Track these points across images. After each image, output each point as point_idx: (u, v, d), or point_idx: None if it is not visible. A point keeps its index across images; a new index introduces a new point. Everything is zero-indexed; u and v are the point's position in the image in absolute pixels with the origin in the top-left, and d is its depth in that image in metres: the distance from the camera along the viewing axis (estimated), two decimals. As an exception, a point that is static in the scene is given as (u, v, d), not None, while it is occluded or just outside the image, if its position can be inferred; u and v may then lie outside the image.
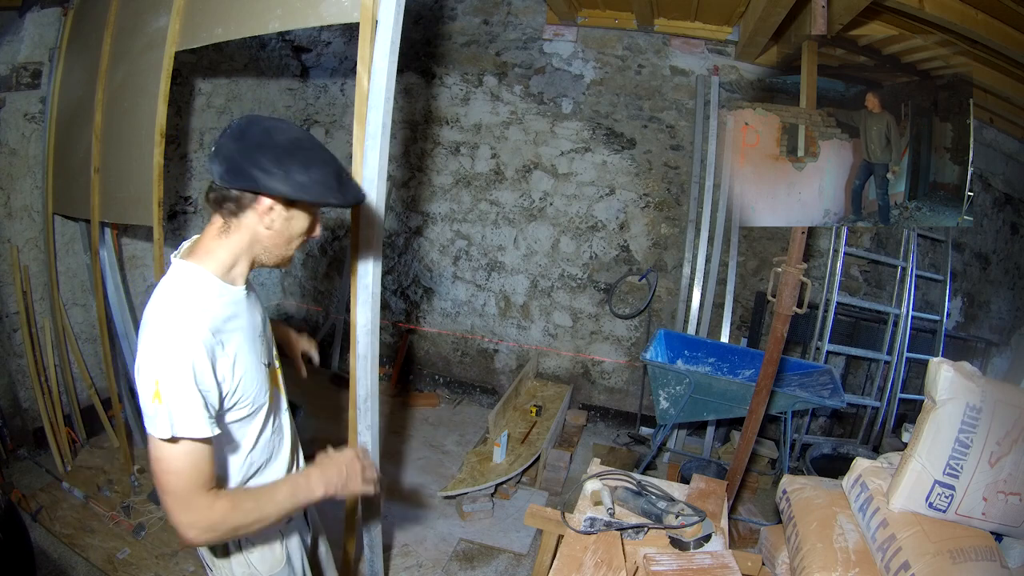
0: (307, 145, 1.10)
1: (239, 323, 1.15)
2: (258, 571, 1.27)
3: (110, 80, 2.53)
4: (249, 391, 1.15)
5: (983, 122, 3.60)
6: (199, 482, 1.02)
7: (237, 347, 1.12)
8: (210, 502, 1.02)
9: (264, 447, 1.25)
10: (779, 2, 2.53)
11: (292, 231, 1.15)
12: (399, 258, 4.44)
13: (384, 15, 1.65)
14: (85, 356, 3.22)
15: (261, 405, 1.19)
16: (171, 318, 1.03)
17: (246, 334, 1.16)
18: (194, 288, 1.09)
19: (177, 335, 1.01)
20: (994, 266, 3.82)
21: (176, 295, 1.07)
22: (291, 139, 1.07)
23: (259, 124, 1.07)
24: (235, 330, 1.13)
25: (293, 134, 1.09)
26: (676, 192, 3.86)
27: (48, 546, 2.49)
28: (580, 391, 4.21)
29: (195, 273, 1.10)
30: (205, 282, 1.11)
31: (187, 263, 1.12)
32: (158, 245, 2.37)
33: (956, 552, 1.41)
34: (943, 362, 1.51)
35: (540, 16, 3.89)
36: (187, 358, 1.00)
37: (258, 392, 1.17)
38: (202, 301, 1.08)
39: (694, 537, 1.58)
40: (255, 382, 1.16)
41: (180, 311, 1.04)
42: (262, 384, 1.19)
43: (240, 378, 1.11)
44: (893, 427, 3.47)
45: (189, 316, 1.04)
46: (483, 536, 2.87)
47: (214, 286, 1.11)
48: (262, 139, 1.04)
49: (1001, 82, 2.91)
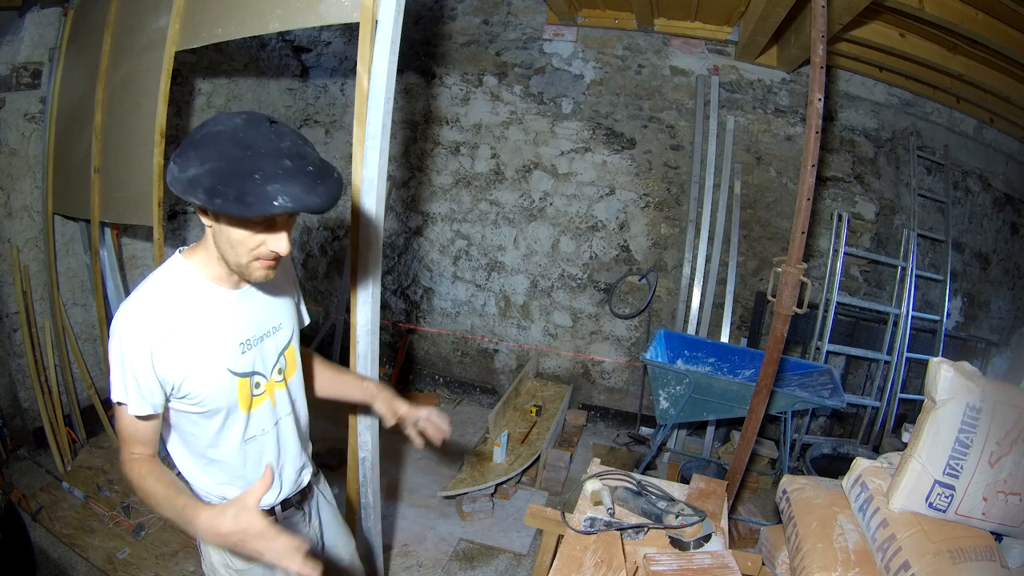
0: (224, 139, 0.95)
1: (209, 327, 1.13)
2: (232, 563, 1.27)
3: (110, 80, 2.53)
4: (199, 391, 1.13)
5: (983, 122, 3.60)
6: (126, 439, 1.14)
7: (191, 348, 1.10)
8: (126, 459, 1.14)
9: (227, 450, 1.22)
10: (779, 2, 2.53)
11: (228, 236, 1.04)
12: (399, 258, 4.44)
13: (384, 15, 1.65)
14: (85, 356, 3.22)
15: (217, 410, 1.17)
16: (130, 307, 1.07)
17: (214, 340, 1.14)
18: (169, 282, 1.12)
19: (126, 323, 1.06)
20: (994, 266, 3.82)
21: (150, 286, 1.11)
22: (211, 133, 0.97)
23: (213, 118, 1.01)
24: (198, 333, 1.11)
25: (222, 127, 0.97)
26: (676, 192, 3.86)
27: (48, 546, 2.49)
28: (580, 391, 4.21)
29: (178, 268, 1.13)
30: (185, 277, 1.13)
31: (180, 257, 1.15)
32: (158, 245, 2.37)
33: (956, 552, 1.41)
34: (943, 362, 1.51)
35: (540, 16, 3.89)
36: (126, 344, 1.06)
37: (211, 396, 1.15)
38: (170, 296, 1.10)
39: (694, 537, 1.58)
40: (208, 385, 1.14)
41: (140, 300, 1.08)
42: (221, 391, 1.16)
43: (186, 376, 1.11)
44: (893, 427, 3.47)
45: (144, 311, 1.07)
46: (483, 536, 2.87)
47: (193, 282, 1.13)
48: (193, 132, 1.00)
49: (1001, 82, 2.92)
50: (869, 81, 3.57)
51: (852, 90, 3.61)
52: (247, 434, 1.24)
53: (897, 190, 3.69)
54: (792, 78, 3.63)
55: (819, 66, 1.81)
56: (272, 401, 1.28)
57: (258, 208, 0.93)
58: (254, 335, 1.22)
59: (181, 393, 1.12)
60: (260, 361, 1.23)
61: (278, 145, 0.97)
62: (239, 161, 0.94)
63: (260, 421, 1.26)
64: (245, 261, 1.07)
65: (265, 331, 1.25)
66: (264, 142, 0.96)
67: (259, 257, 1.07)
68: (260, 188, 0.93)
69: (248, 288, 1.21)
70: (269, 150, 0.96)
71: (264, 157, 0.95)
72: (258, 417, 1.25)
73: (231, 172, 0.93)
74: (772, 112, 3.69)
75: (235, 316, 1.18)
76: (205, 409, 1.16)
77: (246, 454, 1.25)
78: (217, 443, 1.21)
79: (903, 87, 3.53)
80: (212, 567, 1.28)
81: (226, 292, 1.16)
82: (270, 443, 1.29)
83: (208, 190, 0.93)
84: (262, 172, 0.93)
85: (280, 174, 0.94)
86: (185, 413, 1.17)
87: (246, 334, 1.20)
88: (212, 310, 1.14)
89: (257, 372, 1.23)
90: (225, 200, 0.93)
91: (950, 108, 3.57)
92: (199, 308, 1.12)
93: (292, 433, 1.34)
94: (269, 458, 1.29)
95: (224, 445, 1.22)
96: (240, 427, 1.22)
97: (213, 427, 1.19)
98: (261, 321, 1.24)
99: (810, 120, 1.83)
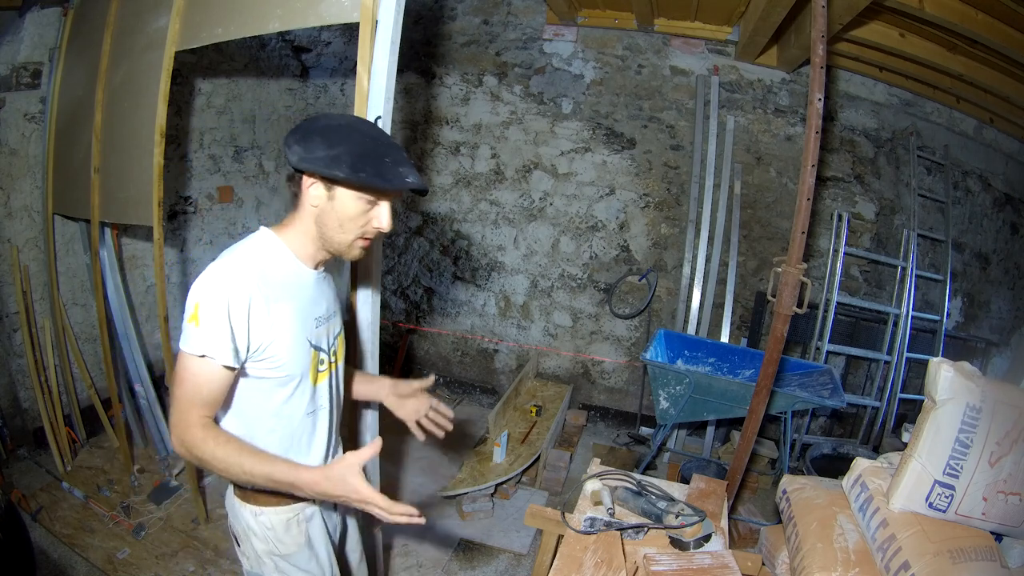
0: (347, 130, 1.14)
1: (294, 296, 1.20)
2: (277, 549, 1.30)
3: (110, 80, 2.53)
4: (281, 356, 1.17)
5: (983, 122, 3.60)
6: (195, 400, 1.10)
7: (281, 313, 1.16)
8: (192, 422, 1.09)
9: (291, 420, 1.25)
10: (779, 2, 2.53)
11: (339, 213, 1.17)
12: (399, 258, 4.44)
13: (384, 15, 1.65)
14: (85, 356, 3.22)
15: (292, 377, 1.21)
16: (228, 262, 1.13)
17: (298, 308, 1.20)
18: (261, 250, 1.19)
19: (225, 275, 1.10)
20: (994, 266, 3.82)
21: (244, 250, 1.17)
22: (332, 124, 1.14)
23: (316, 116, 1.18)
24: (286, 299, 1.18)
25: (338, 122, 1.15)
26: (676, 192, 3.86)
27: (48, 546, 2.49)
28: (580, 391, 4.21)
29: (270, 240, 1.21)
30: (275, 250, 1.20)
31: (269, 231, 1.22)
32: (158, 245, 2.37)
33: (956, 552, 1.41)
34: (943, 362, 1.51)
35: (540, 16, 3.89)
36: (226, 295, 1.08)
37: (291, 362, 1.19)
38: (263, 262, 1.17)
39: (694, 537, 1.58)
40: (290, 351, 1.19)
41: (238, 260, 1.14)
42: (299, 358, 1.21)
43: (273, 339, 1.15)
44: (893, 427, 3.47)
45: (243, 267, 1.13)
46: (483, 536, 2.87)
47: (282, 255, 1.21)
48: (304, 123, 1.16)
49: (1001, 82, 2.91)
50: (869, 81, 3.57)
51: (852, 90, 3.61)
52: (311, 407, 1.29)
53: (897, 190, 3.69)
54: (792, 78, 3.63)
55: (819, 66, 1.80)
56: (330, 379, 1.34)
57: (396, 183, 1.13)
58: (323, 314, 1.30)
59: (264, 355, 1.16)
60: (325, 340, 1.31)
61: (390, 140, 1.21)
62: (372, 147, 1.14)
63: (322, 396, 1.32)
64: (351, 238, 1.20)
65: (330, 314, 1.33)
66: (381, 136, 1.19)
67: (364, 235, 1.21)
68: (393, 168, 1.13)
69: (322, 272, 1.31)
70: (388, 142, 1.18)
71: (388, 147, 1.16)
72: (321, 392, 1.31)
73: (368, 154, 1.12)
74: (772, 112, 3.69)
75: (314, 293, 1.26)
76: (282, 374, 1.20)
77: (309, 425, 1.30)
78: (281, 413, 1.24)
79: (903, 87, 3.53)
80: (256, 556, 1.31)
81: (309, 270, 1.25)
82: (324, 420, 1.34)
83: (352, 165, 1.10)
84: (391, 157, 1.14)
85: (402, 160, 1.16)
86: (258, 379, 1.19)
87: (319, 311, 1.28)
88: (298, 283, 1.22)
89: (322, 348, 1.30)
90: (368, 174, 1.11)
91: (950, 108, 3.57)
92: (288, 278, 1.20)
93: (336, 418, 1.40)
94: (323, 434, 1.34)
95: (290, 415, 1.25)
96: (307, 398, 1.27)
97: (283, 395, 1.22)
98: (328, 303, 1.33)
99: (810, 120, 1.83)
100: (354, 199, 1.16)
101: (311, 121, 1.16)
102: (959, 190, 3.71)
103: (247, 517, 1.29)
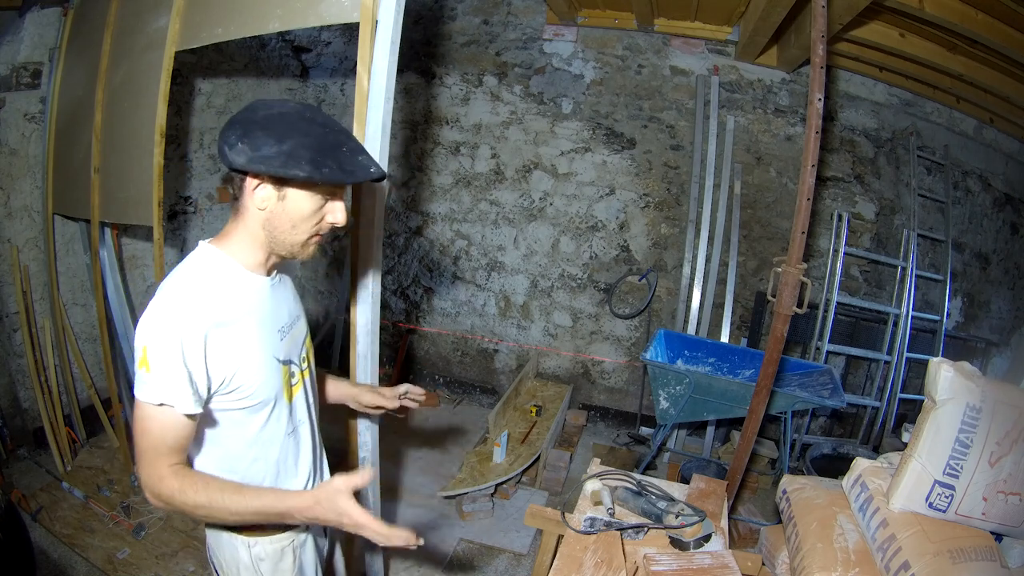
0: (292, 119, 1.01)
1: (251, 312, 1.11)
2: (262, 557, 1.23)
3: (110, 80, 2.53)
4: (250, 383, 1.10)
5: (983, 122, 3.60)
6: (161, 450, 1.02)
7: (242, 335, 1.08)
8: (164, 474, 1.01)
9: (273, 445, 1.19)
10: (779, 2, 2.53)
11: (292, 214, 1.07)
12: (399, 258, 4.44)
13: (384, 15, 1.65)
14: (85, 356, 3.22)
15: (266, 401, 1.14)
16: (173, 295, 1.02)
17: (258, 324, 1.12)
18: (206, 270, 1.08)
19: (173, 312, 1.00)
20: (994, 266, 3.82)
21: (187, 275, 1.06)
22: (272, 114, 1.01)
23: (252, 104, 1.04)
24: (243, 318, 1.09)
25: (278, 110, 1.02)
26: (676, 192, 3.86)
27: (48, 546, 2.49)
28: (580, 391, 4.21)
29: (214, 256, 1.10)
30: (222, 265, 1.10)
31: (210, 246, 1.11)
32: (158, 245, 2.37)
33: (956, 552, 1.41)
34: (943, 362, 1.51)
35: (540, 16, 3.89)
36: (177, 335, 0.99)
37: (262, 386, 1.12)
38: (212, 286, 1.06)
39: (694, 537, 1.58)
40: (259, 375, 1.11)
41: (184, 290, 1.03)
42: (269, 380, 1.14)
43: (238, 368, 1.07)
44: (893, 427, 3.47)
45: (191, 297, 1.03)
46: (483, 536, 2.87)
47: (231, 270, 1.10)
48: (241, 115, 1.02)
49: (1001, 82, 2.91)
50: (869, 81, 3.57)
51: (852, 90, 3.61)
52: (290, 426, 1.22)
53: (897, 190, 3.68)
54: (792, 78, 3.63)
55: (819, 66, 1.80)
56: (305, 391, 1.27)
57: (360, 174, 1.04)
58: (286, 323, 1.21)
59: (231, 387, 1.08)
60: (293, 349, 1.23)
61: (338, 124, 1.07)
62: (324, 136, 1.01)
63: (299, 411, 1.25)
64: (305, 238, 1.11)
65: (292, 319, 1.25)
66: (328, 121, 1.06)
67: (318, 232, 1.12)
68: (352, 158, 1.03)
69: (276, 276, 1.20)
70: (338, 128, 1.06)
71: (339, 133, 1.05)
72: (298, 407, 1.24)
73: (324, 146, 1.00)
74: (772, 112, 3.68)
75: (271, 303, 1.17)
76: (255, 402, 1.12)
77: (292, 445, 1.23)
78: (260, 440, 1.16)
79: (903, 87, 3.53)
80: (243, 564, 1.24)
81: (262, 279, 1.15)
82: (306, 434, 1.28)
83: (311, 161, 0.98)
84: (346, 146, 1.04)
85: (356, 146, 1.06)
86: (228, 412, 1.11)
87: (281, 321, 1.20)
88: (253, 297, 1.13)
89: (292, 360, 1.22)
90: (332, 170, 1.00)
91: (950, 108, 3.57)
92: (242, 295, 1.11)
93: (316, 425, 1.34)
94: (307, 449, 1.28)
95: (270, 440, 1.18)
96: (284, 418, 1.20)
97: (259, 422, 1.15)
98: (289, 309, 1.24)
99: (810, 120, 1.83)
100: (308, 197, 1.06)
101: (249, 112, 1.02)
102: (959, 190, 3.71)
103: (238, 549, 1.21)
